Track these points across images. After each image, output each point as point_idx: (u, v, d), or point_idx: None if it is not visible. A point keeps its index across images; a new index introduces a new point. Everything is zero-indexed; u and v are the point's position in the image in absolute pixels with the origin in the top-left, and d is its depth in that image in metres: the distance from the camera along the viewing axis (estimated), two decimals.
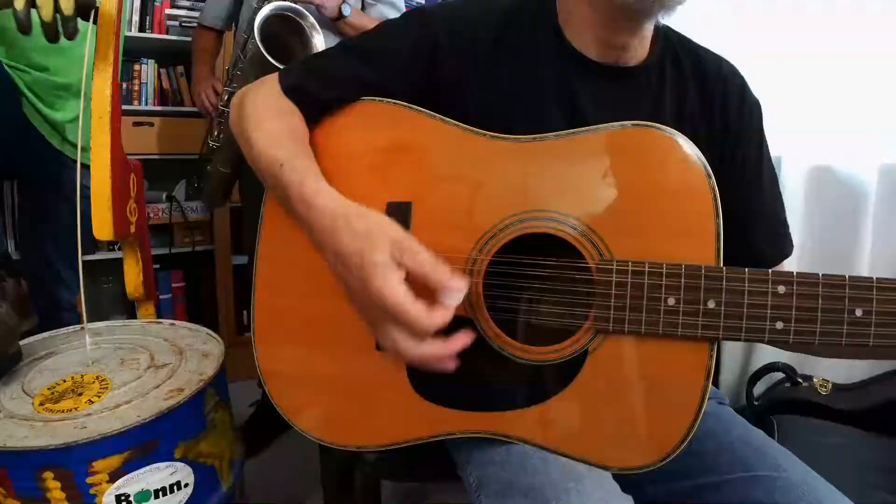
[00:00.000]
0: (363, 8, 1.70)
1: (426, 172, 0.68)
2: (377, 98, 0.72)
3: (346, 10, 1.52)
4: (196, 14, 2.22)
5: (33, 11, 0.85)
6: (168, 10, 2.24)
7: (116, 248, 2.09)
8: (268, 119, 0.70)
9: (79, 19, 0.88)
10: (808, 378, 1.52)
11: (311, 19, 1.35)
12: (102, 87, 0.91)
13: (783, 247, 0.78)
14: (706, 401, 0.57)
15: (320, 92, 0.73)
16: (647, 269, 0.58)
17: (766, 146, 0.79)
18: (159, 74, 2.26)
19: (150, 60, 2.22)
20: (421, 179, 0.68)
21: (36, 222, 1.36)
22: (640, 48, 0.73)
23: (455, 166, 0.67)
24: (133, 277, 1.05)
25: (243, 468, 0.92)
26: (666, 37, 0.76)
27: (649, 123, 0.61)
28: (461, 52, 0.72)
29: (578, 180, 0.63)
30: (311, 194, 0.62)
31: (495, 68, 0.72)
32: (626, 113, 0.67)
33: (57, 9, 0.85)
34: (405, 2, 1.85)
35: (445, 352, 0.54)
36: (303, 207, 0.63)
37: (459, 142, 0.68)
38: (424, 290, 0.53)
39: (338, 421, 0.71)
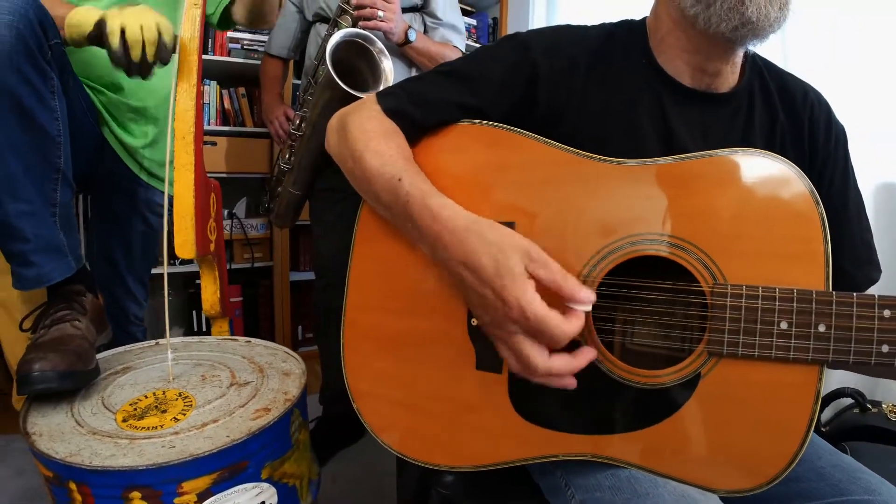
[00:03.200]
0: (425, 31, 1.72)
1: (529, 193, 0.68)
2: (476, 120, 0.73)
3: (412, 36, 1.55)
4: (257, 37, 2.29)
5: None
6: (230, 34, 2.31)
7: (177, 262, 2.15)
8: (377, 139, 0.71)
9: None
10: (878, 404, 1.50)
11: (380, 45, 1.38)
12: (186, 109, 0.93)
13: (870, 272, 0.78)
14: (814, 424, 0.57)
15: (421, 116, 0.74)
16: (760, 293, 0.58)
17: (852, 171, 0.80)
18: (221, 95, 2.33)
19: (212, 82, 2.30)
20: (524, 200, 0.68)
21: (108, 236, 1.39)
22: (731, 74, 0.75)
23: (560, 188, 0.67)
24: (210, 295, 1.06)
25: (319, 487, 0.91)
26: (753, 61, 0.77)
27: (759, 150, 0.62)
28: (558, 78, 0.74)
29: (689, 205, 0.62)
30: (437, 207, 0.63)
31: (590, 93, 0.73)
32: (718, 138, 0.71)
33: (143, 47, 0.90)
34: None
35: (573, 366, 0.55)
36: (428, 220, 0.63)
37: (564, 163, 0.67)
38: (550, 297, 0.54)
39: (430, 440, 0.71)
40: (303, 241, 2.53)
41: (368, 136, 0.71)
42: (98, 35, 0.92)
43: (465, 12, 2.39)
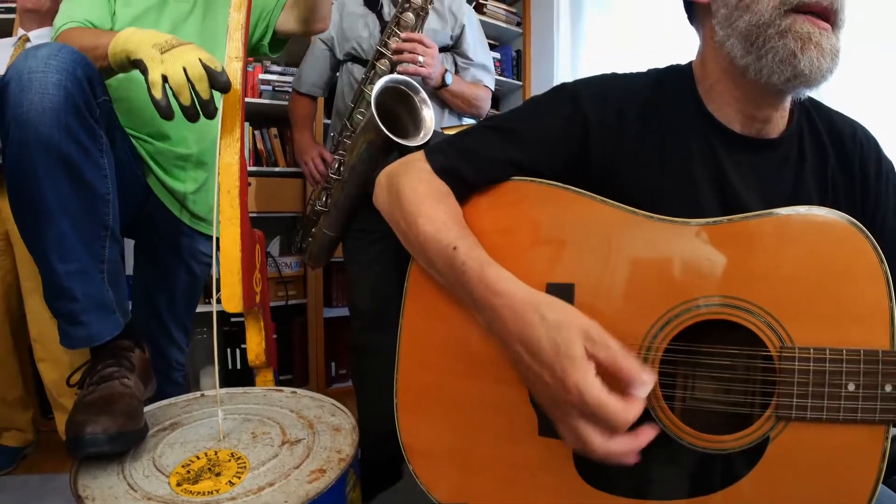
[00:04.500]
0: (456, 71, 1.73)
1: (588, 254, 0.67)
2: (527, 178, 0.73)
3: (449, 79, 1.56)
4: (287, 79, 2.33)
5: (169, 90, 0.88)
6: (261, 76, 2.37)
7: (209, 300, 2.16)
8: (429, 203, 0.71)
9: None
10: None
11: (423, 94, 1.36)
12: (230, 162, 0.93)
13: None
14: (881, 483, 0.56)
15: (472, 175, 0.73)
16: (828, 355, 0.57)
17: None
18: (254, 136, 2.37)
19: (245, 123, 2.33)
20: (582, 261, 0.67)
21: (151, 283, 1.40)
22: (781, 119, 0.74)
23: (619, 249, 0.66)
24: (255, 346, 1.05)
25: None
26: (801, 102, 0.76)
27: (821, 208, 0.61)
28: (609, 132, 0.73)
29: (752, 266, 0.61)
30: (494, 280, 0.62)
31: (643, 145, 0.73)
32: (771, 185, 0.71)
33: (194, 92, 0.88)
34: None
35: (633, 447, 0.53)
36: (484, 292, 0.62)
37: (622, 223, 0.66)
38: (610, 379, 0.53)
39: (486, 500, 0.69)
40: (336, 277, 2.54)
41: (420, 200, 0.71)
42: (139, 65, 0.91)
43: (488, 46, 2.41)
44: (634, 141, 0.73)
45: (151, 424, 0.90)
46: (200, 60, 0.88)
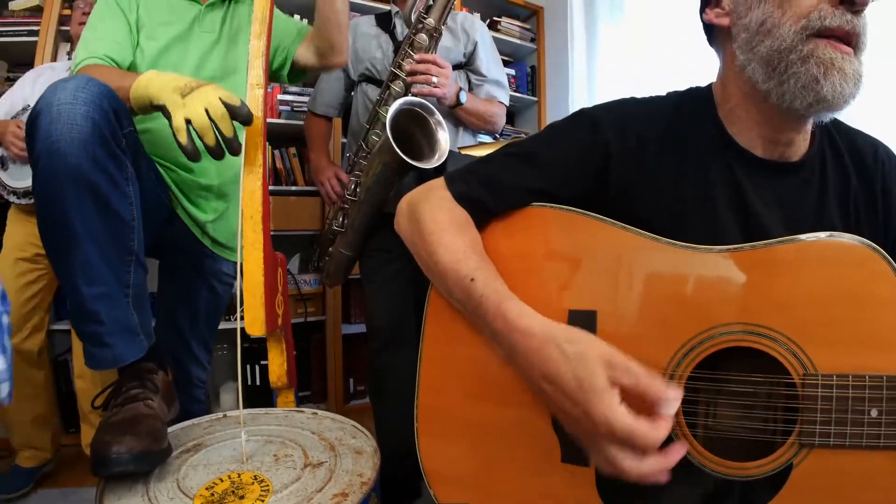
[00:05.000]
0: (470, 88, 1.74)
1: (609, 280, 0.67)
2: (548, 204, 0.73)
3: (463, 98, 1.57)
4: (305, 99, 2.36)
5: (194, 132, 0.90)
6: (280, 96, 2.40)
7: (232, 318, 2.19)
8: (449, 232, 0.71)
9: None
10: None
11: (438, 116, 1.37)
12: (253, 189, 0.95)
13: None
14: None
15: (492, 202, 0.74)
16: (850, 381, 0.57)
17: None
18: (273, 155, 2.40)
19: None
20: (604, 287, 0.67)
21: (174, 303, 1.43)
22: (803, 142, 0.74)
23: (641, 275, 0.66)
24: (276, 367, 1.07)
25: None
26: (822, 122, 0.75)
27: (842, 234, 0.61)
28: (629, 158, 0.73)
29: (775, 292, 0.61)
30: (514, 316, 0.62)
31: (662, 170, 0.73)
32: (793, 208, 0.71)
33: (218, 131, 0.90)
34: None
35: (665, 465, 0.54)
36: (503, 326, 0.63)
37: (642, 249, 0.66)
38: (635, 401, 0.54)
39: None
40: (354, 294, 2.56)
41: (441, 229, 0.72)
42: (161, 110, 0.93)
43: (503, 62, 2.42)
44: (654, 166, 0.73)
45: (175, 445, 0.92)
46: (221, 99, 0.90)
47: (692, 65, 1.90)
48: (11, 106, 1.78)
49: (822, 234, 0.61)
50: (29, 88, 1.80)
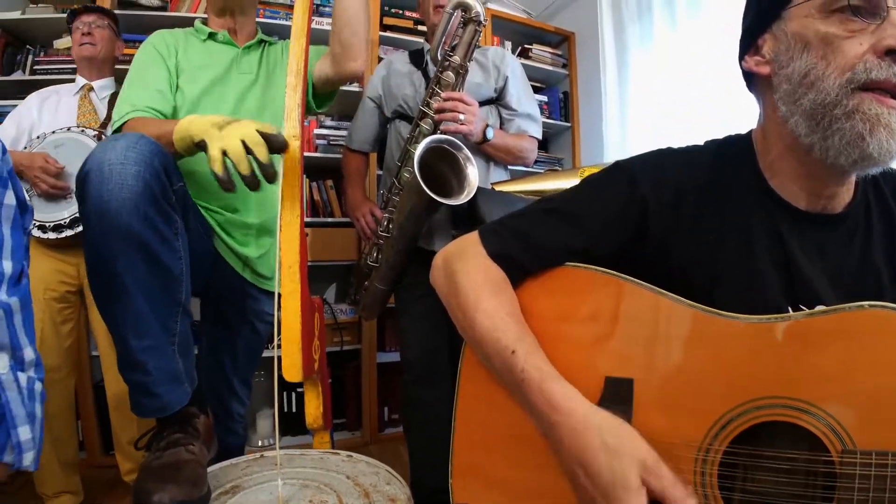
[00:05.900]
0: (501, 123, 1.76)
1: (646, 348, 0.66)
2: (582, 265, 0.72)
3: (490, 134, 1.58)
4: (341, 133, 2.42)
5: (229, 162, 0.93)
6: (316, 130, 2.47)
7: (270, 347, 2.23)
8: (486, 296, 0.71)
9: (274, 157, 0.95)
10: None
11: (467, 151, 1.39)
12: (290, 239, 0.98)
13: None
14: None
15: (527, 260, 0.74)
16: (889, 460, 0.54)
17: None
18: (311, 188, 2.46)
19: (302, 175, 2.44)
20: (640, 355, 0.66)
21: (216, 340, 1.47)
22: (846, 193, 0.71)
23: (678, 344, 0.65)
24: (313, 409, 1.09)
25: None
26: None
27: (886, 305, 0.57)
28: (667, 211, 0.72)
29: (815, 365, 0.59)
30: (557, 396, 0.62)
31: (701, 222, 0.71)
32: (837, 262, 0.68)
33: (253, 158, 0.92)
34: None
35: None
36: (544, 406, 0.63)
37: (681, 318, 0.65)
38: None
39: None
40: (389, 322, 2.58)
41: (478, 293, 0.71)
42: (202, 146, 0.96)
43: (535, 89, 2.42)
44: (692, 219, 0.71)
45: (213, 487, 0.94)
46: (257, 130, 0.93)
47: (723, 91, 1.89)
48: (18, 131, 1.78)
49: (865, 304, 0.58)
50: (36, 113, 1.81)
